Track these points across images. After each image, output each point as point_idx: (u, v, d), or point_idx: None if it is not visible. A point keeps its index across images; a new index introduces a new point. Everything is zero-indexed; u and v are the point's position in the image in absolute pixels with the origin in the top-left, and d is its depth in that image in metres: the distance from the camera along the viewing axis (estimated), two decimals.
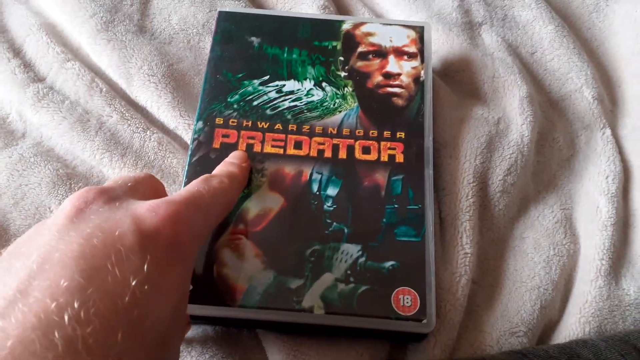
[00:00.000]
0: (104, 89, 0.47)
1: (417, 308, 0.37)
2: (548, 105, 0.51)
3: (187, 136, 0.46)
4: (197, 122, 0.43)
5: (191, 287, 0.36)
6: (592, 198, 0.45)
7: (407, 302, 0.37)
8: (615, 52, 0.55)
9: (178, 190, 0.43)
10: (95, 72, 0.49)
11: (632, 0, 0.55)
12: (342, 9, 0.56)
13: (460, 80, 0.51)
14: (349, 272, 0.38)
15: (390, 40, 0.47)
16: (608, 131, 0.49)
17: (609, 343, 0.36)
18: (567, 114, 0.51)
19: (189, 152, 0.42)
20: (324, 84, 0.45)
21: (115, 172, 0.44)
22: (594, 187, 0.46)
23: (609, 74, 0.55)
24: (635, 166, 0.48)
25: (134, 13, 0.52)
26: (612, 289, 0.41)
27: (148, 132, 0.46)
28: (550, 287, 0.41)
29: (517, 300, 0.41)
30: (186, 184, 0.40)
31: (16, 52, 0.48)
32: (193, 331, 0.38)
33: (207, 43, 0.52)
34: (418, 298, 0.37)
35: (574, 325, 0.40)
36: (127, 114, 0.46)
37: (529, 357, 0.36)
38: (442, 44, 0.52)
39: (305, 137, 0.43)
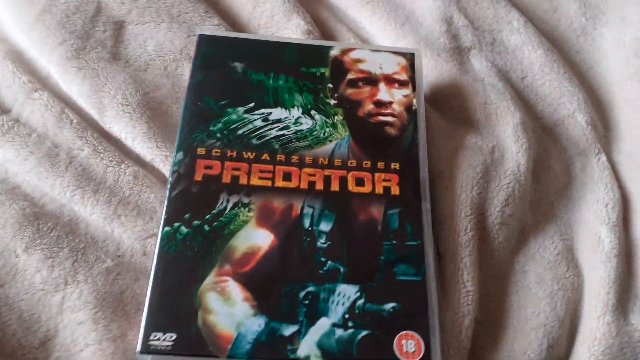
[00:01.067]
0: (75, 120, 0.44)
1: (422, 354, 0.34)
2: (541, 132, 0.50)
3: (165, 169, 0.43)
4: (177, 152, 0.40)
5: (175, 336, 0.33)
6: (592, 228, 0.44)
7: (411, 348, 0.34)
8: (606, 76, 0.54)
9: (155, 228, 0.40)
10: (66, 102, 0.45)
11: (619, 25, 0.55)
12: (327, 34, 0.54)
13: (451, 107, 0.49)
14: (347, 316, 0.35)
15: (381, 67, 0.45)
16: (603, 157, 0.48)
17: None
18: (561, 140, 0.50)
19: (168, 186, 0.39)
20: (312, 112, 0.43)
21: (87, 209, 0.41)
22: (594, 217, 0.44)
23: (600, 98, 0.54)
24: (634, 193, 0.47)
25: (107, 39, 0.49)
26: (620, 324, 0.39)
27: (122, 166, 0.43)
28: (557, 324, 0.39)
29: (523, 340, 0.39)
30: (166, 220, 0.37)
31: None
32: None
33: (185, 69, 0.49)
34: (422, 343, 0.34)
35: None
36: (99, 147, 0.43)
37: None
38: (432, 70, 0.51)
39: (295, 168, 0.40)
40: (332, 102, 0.43)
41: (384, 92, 0.44)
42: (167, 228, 0.37)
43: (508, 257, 0.43)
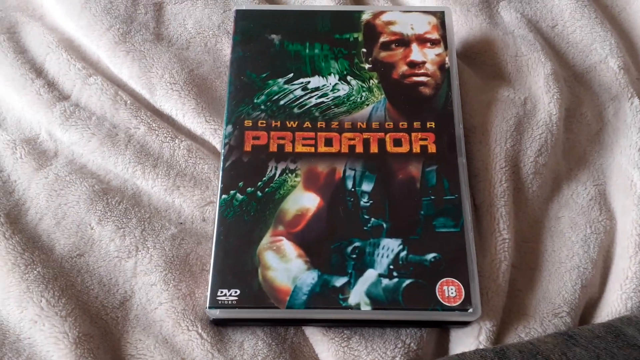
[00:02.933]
0: (129, 102, 0.47)
1: (462, 298, 0.37)
2: (573, 80, 0.51)
3: (215, 141, 0.47)
4: (227, 126, 0.43)
5: (239, 291, 0.37)
6: (625, 172, 0.45)
7: (452, 293, 0.37)
8: (639, 18, 0.54)
9: (212, 196, 0.44)
10: (118, 84, 0.49)
11: None
12: None
13: (483, 62, 0.50)
14: (391, 266, 0.38)
15: (412, 28, 0.46)
16: (636, 100, 0.49)
17: None
18: (593, 87, 0.50)
19: (222, 157, 0.42)
20: (349, 78, 0.45)
21: (149, 183, 0.44)
22: (627, 161, 0.46)
23: (633, 40, 0.54)
24: None
25: (149, 21, 0.51)
26: None
27: (176, 141, 0.46)
28: (590, 266, 0.42)
29: (557, 282, 0.41)
30: (222, 189, 0.41)
31: (38, 72, 0.48)
32: (242, 334, 0.39)
33: (224, 44, 0.51)
34: (462, 288, 0.37)
35: (615, 302, 0.40)
36: (154, 125, 0.46)
37: (575, 339, 0.36)
38: (462, 26, 0.51)
39: (335, 134, 0.43)
40: (367, 66, 0.45)
41: (416, 53, 0.46)
42: (224, 196, 0.40)
43: (542, 205, 0.45)
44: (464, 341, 0.39)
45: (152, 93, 0.48)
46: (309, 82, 0.45)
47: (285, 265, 0.38)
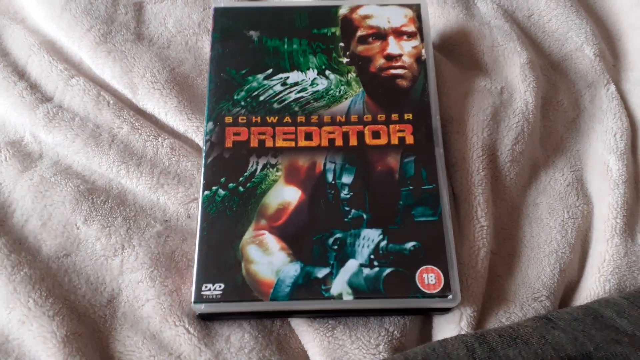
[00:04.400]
0: (111, 102, 0.48)
1: (442, 285, 0.38)
2: (549, 68, 0.51)
3: (197, 138, 0.47)
4: (207, 122, 0.44)
5: (223, 286, 0.38)
6: (601, 157, 0.46)
7: (432, 280, 0.38)
8: (613, 5, 0.55)
9: (196, 193, 0.44)
10: (100, 85, 0.49)
11: None
12: None
13: (460, 53, 0.51)
14: (372, 256, 0.39)
15: (389, 21, 0.47)
16: (612, 87, 0.50)
17: (630, 300, 0.37)
18: (569, 74, 0.51)
19: (203, 154, 0.43)
20: (327, 72, 0.45)
21: (133, 182, 0.45)
22: (602, 146, 0.47)
23: (608, 27, 0.55)
24: None
25: (129, 21, 0.52)
26: (628, 246, 0.42)
27: (159, 139, 0.46)
28: (568, 250, 0.42)
29: (536, 266, 0.42)
30: (205, 185, 0.41)
31: (20, 74, 0.49)
32: (229, 327, 0.40)
33: (205, 42, 0.52)
34: (442, 275, 0.38)
35: (594, 285, 0.41)
36: (137, 124, 0.47)
37: (554, 322, 0.37)
38: (438, 18, 0.52)
39: (315, 128, 0.43)
40: (345, 60, 0.46)
41: (393, 46, 0.46)
42: (206, 192, 0.41)
43: (520, 192, 0.45)
44: (446, 327, 0.40)
45: (134, 92, 0.49)
46: (288, 77, 0.45)
47: (268, 259, 0.39)
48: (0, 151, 0.46)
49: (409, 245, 0.39)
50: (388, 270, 0.38)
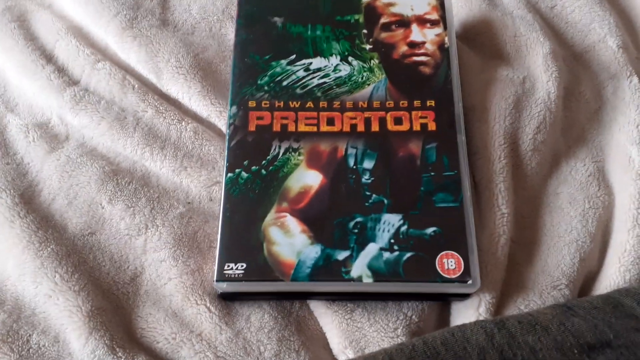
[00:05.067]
0: (136, 86, 0.48)
1: (462, 270, 0.38)
2: (572, 59, 0.51)
3: (220, 123, 0.48)
4: (231, 107, 0.44)
5: (245, 265, 0.39)
6: (623, 148, 0.46)
7: (452, 265, 0.38)
8: None
9: (218, 177, 0.45)
10: (126, 69, 0.50)
11: None
12: None
13: (482, 43, 0.51)
14: (392, 240, 0.39)
15: (412, 9, 0.47)
16: (635, 79, 0.49)
17: None
18: (592, 66, 0.51)
19: (227, 137, 0.43)
20: (350, 59, 0.46)
21: (157, 164, 0.46)
22: (625, 137, 0.46)
23: (632, 19, 0.55)
24: None
25: (155, 7, 0.53)
26: None
27: (183, 123, 0.47)
28: (588, 240, 0.42)
29: (556, 255, 0.42)
30: (228, 168, 0.42)
31: (48, 58, 0.50)
32: (249, 308, 0.40)
33: (228, 29, 0.52)
34: (461, 260, 0.39)
35: (614, 275, 0.41)
36: (161, 108, 0.48)
37: (573, 310, 0.37)
38: (462, 7, 0.52)
39: (337, 113, 0.44)
40: (368, 47, 0.46)
41: (416, 33, 0.47)
42: (230, 174, 0.42)
43: (541, 181, 0.45)
44: (464, 313, 0.40)
45: (159, 77, 0.49)
46: (311, 63, 0.46)
47: (289, 240, 0.39)
48: (28, 132, 0.47)
49: (430, 230, 0.39)
50: (408, 255, 0.39)
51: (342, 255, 0.39)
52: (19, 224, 0.41)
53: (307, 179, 0.42)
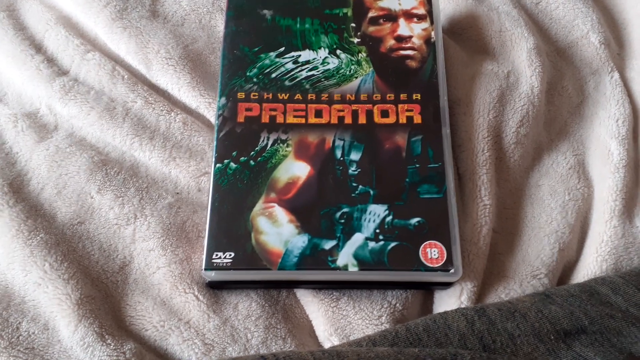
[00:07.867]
0: (126, 76, 0.49)
1: (444, 259, 0.39)
2: (555, 54, 0.52)
3: (209, 114, 0.48)
4: (220, 98, 0.45)
5: (233, 254, 0.39)
6: (603, 142, 0.47)
7: (435, 255, 0.39)
8: None
9: (207, 167, 0.45)
10: (115, 60, 0.50)
11: None
12: None
13: (468, 37, 0.52)
14: (377, 230, 0.40)
15: (399, 4, 0.48)
16: (616, 75, 0.50)
17: (625, 279, 0.39)
18: (574, 61, 0.52)
19: (216, 128, 0.44)
20: (338, 52, 0.46)
21: (146, 154, 0.46)
22: (605, 131, 0.48)
23: (614, 16, 0.56)
24: None
25: None
26: (626, 227, 0.43)
27: (172, 114, 0.48)
28: (567, 230, 0.44)
29: (536, 245, 0.43)
30: (217, 158, 0.43)
31: (38, 47, 0.50)
32: (237, 296, 0.41)
33: (218, 21, 0.53)
34: (444, 250, 0.40)
35: (591, 264, 0.43)
36: (150, 98, 0.48)
37: (551, 297, 0.38)
38: (448, 2, 0.53)
39: (325, 105, 0.44)
40: (356, 40, 0.47)
41: (403, 27, 0.47)
42: (218, 165, 0.42)
43: (523, 173, 0.47)
44: (447, 302, 0.41)
45: (148, 68, 0.50)
46: (299, 55, 0.46)
47: (277, 230, 0.40)
48: (17, 122, 0.47)
49: (414, 220, 0.40)
50: (393, 244, 0.40)
51: (328, 244, 0.40)
52: (8, 212, 0.42)
53: (295, 170, 0.42)
